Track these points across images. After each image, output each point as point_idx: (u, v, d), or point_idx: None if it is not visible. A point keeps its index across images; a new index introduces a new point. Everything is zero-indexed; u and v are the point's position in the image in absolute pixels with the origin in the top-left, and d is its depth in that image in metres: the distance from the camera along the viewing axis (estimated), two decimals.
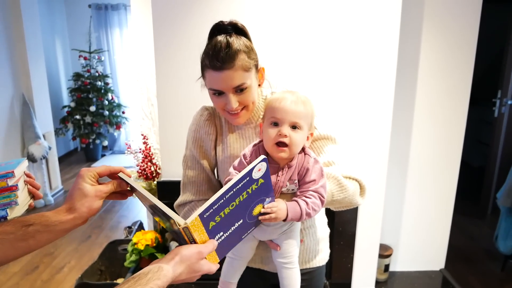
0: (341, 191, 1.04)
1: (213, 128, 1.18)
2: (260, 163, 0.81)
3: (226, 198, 0.77)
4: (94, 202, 0.79)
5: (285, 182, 0.97)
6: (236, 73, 0.99)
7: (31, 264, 2.92)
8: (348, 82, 2.04)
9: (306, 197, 0.95)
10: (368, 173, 2.15)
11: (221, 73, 0.98)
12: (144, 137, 2.41)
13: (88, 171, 0.82)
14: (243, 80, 1.00)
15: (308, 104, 0.97)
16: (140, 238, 2.27)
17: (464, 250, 3.13)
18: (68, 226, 0.78)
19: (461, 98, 2.46)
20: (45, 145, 3.93)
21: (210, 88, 1.04)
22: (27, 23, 3.80)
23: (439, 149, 2.53)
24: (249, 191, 0.81)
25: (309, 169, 0.96)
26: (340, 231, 2.21)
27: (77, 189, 0.80)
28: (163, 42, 1.97)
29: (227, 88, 1.01)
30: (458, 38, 2.37)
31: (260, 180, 0.82)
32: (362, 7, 1.95)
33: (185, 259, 0.74)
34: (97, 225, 3.64)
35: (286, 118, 0.94)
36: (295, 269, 1.10)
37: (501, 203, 2.72)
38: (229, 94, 1.01)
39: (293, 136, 0.94)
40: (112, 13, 5.81)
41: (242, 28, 1.05)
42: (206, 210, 0.75)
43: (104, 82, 5.63)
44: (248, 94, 1.04)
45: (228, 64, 0.97)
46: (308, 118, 0.97)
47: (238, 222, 0.84)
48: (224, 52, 0.97)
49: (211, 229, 0.78)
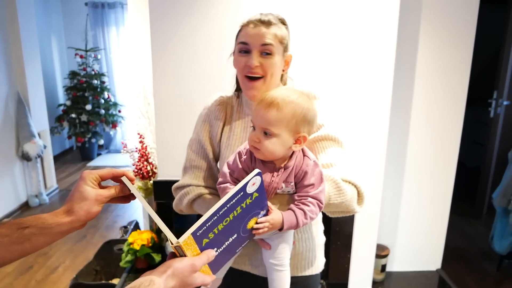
0: (339, 194, 1.00)
1: (222, 114, 1.18)
2: (254, 177, 0.78)
3: (219, 214, 0.75)
4: (93, 206, 0.78)
5: (279, 183, 0.94)
6: (268, 33, 1.03)
7: (25, 264, 2.90)
8: (345, 83, 2.04)
9: (304, 204, 0.92)
10: (365, 174, 2.15)
11: (255, 28, 1.03)
12: (140, 136, 2.40)
13: (90, 174, 0.80)
14: (272, 41, 1.03)
15: (287, 107, 0.89)
16: (136, 238, 2.26)
17: (460, 250, 3.14)
18: (65, 228, 0.76)
19: (458, 98, 2.47)
20: (40, 143, 3.91)
21: (239, 42, 1.06)
22: (22, 20, 3.77)
23: (436, 149, 2.54)
24: (243, 206, 0.79)
25: (307, 172, 0.93)
26: (337, 231, 2.21)
27: (77, 192, 0.78)
28: (160, 41, 1.96)
29: (255, 43, 1.03)
30: (455, 39, 2.38)
31: (254, 194, 0.79)
32: (359, 8, 1.95)
33: (178, 272, 0.72)
34: (92, 224, 3.62)
35: (257, 124, 0.91)
36: (285, 272, 1.07)
37: (497, 203, 2.73)
38: (254, 51, 1.04)
39: (264, 143, 0.89)
40: (109, 11, 5.78)
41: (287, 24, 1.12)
42: (199, 228, 0.73)
43: (100, 80, 5.59)
44: (270, 61, 1.04)
45: (265, 24, 1.03)
46: (285, 122, 0.89)
47: (232, 236, 0.82)
48: (267, 18, 1.05)
49: (204, 246, 0.76)
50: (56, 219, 0.75)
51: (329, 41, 1.98)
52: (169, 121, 2.06)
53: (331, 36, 1.98)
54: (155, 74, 2.00)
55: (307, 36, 1.97)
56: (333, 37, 1.98)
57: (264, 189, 0.84)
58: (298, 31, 1.96)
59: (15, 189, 3.84)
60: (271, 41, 1.03)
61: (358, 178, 1.05)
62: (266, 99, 0.90)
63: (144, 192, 2.35)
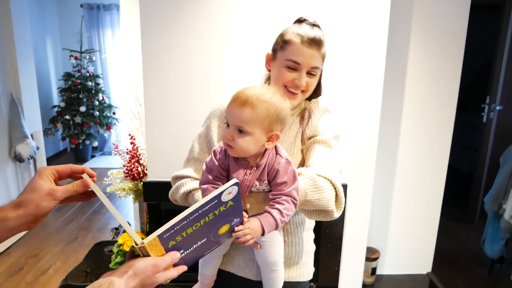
0: (316, 191, 0.99)
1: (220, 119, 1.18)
2: (231, 187, 0.76)
3: (190, 220, 0.73)
4: (44, 200, 0.71)
5: (252, 181, 0.94)
6: (318, 56, 1.08)
7: (15, 266, 2.88)
8: (336, 87, 2.04)
9: (279, 203, 0.92)
10: (356, 176, 2.15)
11: (308, 49, 1.06)
12: (131, 137, 2.39)
13: (46, 168, 0.75)
14: (319, 65, 1.09)
15: (261, 105, 0.90)
16: (126, 240, 2.25)
17: (451, 254, 3.14)
18: (12, 224, 0.69)
19: (448, 103, 2.48)
20: (33, 145, 3.89)
21: (289, 59, 1.07)
22: (16, 21, 3.76)
23: (426, 153, 2.54)
24: (215, 213, 0.77)
25: (279, 170, 0.93)
26: (327, 233, 2.20)
27: (28, 185, 0.73)
28: (150, 42, 1.96)
29: (306, 64, 1.07)
30: (446, 44, 2.39)
31: (229, 203, 0.78)
32: (349, 13, 1.96)
33: (139, 272, 0.69)
34: (84, 226, 3.60)
35: (230, 122, 0.92)
36: (279, 271, 1.07)
37: (488, 207, 2.74)
38: (303, 71, 1.07)
39: (237, 140, 0.90)
40: (104, 13, 5.78)
41: None
42: (166, 231, 0.71)
43: (95, 82, 5.58)
44: (313, 81, 1.11)
45: (318, 46, 1.07)
46: (259, 121, 0.90)
47: (201, 241, 0.81)
48: (317, 35, 1.08)
49: (170, 248, 0.75)
50: (1, 214, 0.69)
51: None
52: (159, 122, 2.06)
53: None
54: (146, 75, 2.00)
55: None
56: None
57: (241, 199, 0.83)
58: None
59: (7, 190, 3.81)
60: (319, 65, 1.09)
61: (336, 178, 1.04)
62: (241, 98, 0.90)
63: (135, 194, 2.35)
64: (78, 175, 0.78)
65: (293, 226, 1.17)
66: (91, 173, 0.79)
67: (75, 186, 0.76)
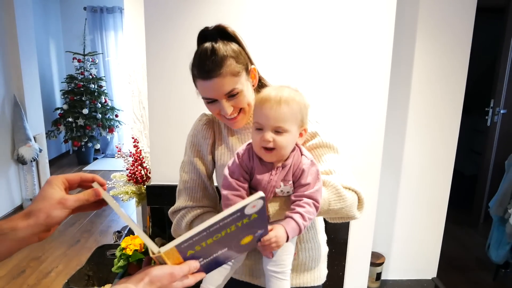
0: (339, 200, 0.99)
1: (210, 133, 1.16)
2: (256, 201, 0.73)
3: (210, 231, 0.71)
4: (55, 210, 0.69)
5: (278, 182, 0.93)
6: (225, 80, 0.97)
7: (17, 268, 2.87)
8: (341, 89, 2.03)
9: (300, 206, 0.91)
10: (361, 180, 2.12)
11: (210, 82, 0.97)
12: (134, 140, 2.38)
13: (57, 178, 0.73)
14: (233, 86, 0.99)
15: (293, 101, 0.91)
16: (129, 243, 2.23)
17: (456, 259, 3.12)
18: (23, 234, 0.67)
19: (454, 106, 2.46)
20: (36, 147, 3.89)
21: (202, 97, 1.04)
22: (20, 23, 3.77)
23: (432, 157, 2.53)
24: (238, 225, 0.75)
25: (304, 170, 0.93)
26: (331, 238, 2.18)
27: (39, 194, 0.71)
28: (155, 44, 1.95)
29: (218, 96, 1.00)
30: (451, 47, 2.38)
31: (253, 215, 0.75)
32: (355, 16, 1.95)
33: (156, 280, 0.68)
34: (86, 229, 3.59)
35: (267, 124, 0.90)
36: (285, 282, 1.04)
37: (493, 212, 2.72)
38: (222, 100, 1.00)
39: (278, 140, 0.89)
40: (108, 16, 5.79)
41: (230, 33, 1.03)
42: (184, 242, 0.69)
43: (97, 85, 5.59)
44: (241, 98, 1.02)
45: (216, 72, 0.96)
46: (294, 117, 0.91)
47: (221, 250, 0.79)
48: (210, 60, 0.96)
49: (189, 256, 0.73)
50: (12, 223, 0.67)
51: (324, 48, 1.98)
52: (163, 125, 2.04)
53: (327, 43, 1.97)
54: (150, 78, 1.99)
55: (302, 40, 1.97)
56: (329, 44, 1.97)
57: (266, 213, 0.80)
58: (292, 34, 1.96)
59: (10, 192, 3.82)
60: (232, 87, 0.99)
61: (357, 184, 1.05)
62: (274, 98, 0.90)
63: (138, 197, 2.33)
64: (88, 183, 0.77)
65: (305, 231, 1.15)
66: (101, 181, 0.77)
67: (86, 194, 0.74)
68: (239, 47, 1.03)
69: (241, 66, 1.00)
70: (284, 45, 1.97)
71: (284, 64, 1.99)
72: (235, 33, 1.04)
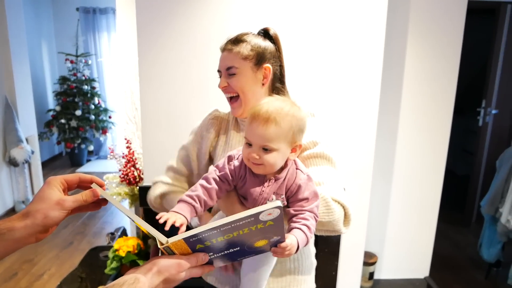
0: (328, 213, 0.99)
1: (215, 127, 1.22)
2: (272, 209, 0.72)
3: (220, 230, 0.71)
4: (52, 210, 0.69)
5: (270, 194, 0.92)
6: (231, 55, 1.07)
7: (9, 271, 2.84)
8: (333, 91, 2.04)
9: (305, 219, 0.90)
10: (353, 181, 2.14)
11: (222, 54, 1.10)
12: (127, 141, 2.37)
13: (55, 178, 0.73)
14: (233, 63, 1.07)
15: (283, 119, 0.87)
16: (122, 245, 2.23)
17: (448, 258, 3.14)
18: (20, 235, 0.67)
19: (445, 107, 2.48)
20: (28, 149, 3.86)
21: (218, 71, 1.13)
22: (11, 24, 3.74)
23: (423, 157, 2.55)
24: (252, 228, 0.74)
25: (301, 185, 0.92)
26: (324, 238, 2.19)
27: (37, 195, 0.71)
28: (147, 45, 1.95)
29: (221, 67, 1.10)
30: (442, 48, 2.40)
31: (268, 222, 0.75)
32: (346, 18, 1.95)
33: (163, 270, 0.69)
34: (79, 231, 3.57)
35: (255, 142, 0.88)
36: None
37: (485, 211, 2.74)
38: (223, 74, 1.10)
39: (265, 158, 0.87)
40: (100, 16, 5.77)
41: (270, 34, 1.13)
42: (193, 236, 0.70)
43: (90, 86, 5.56)
44: (236, 80, 1.08)
45: (229, 47, 1.08)
46: (283, 136, 0.88)
47: (234, 249, 0.79)
48: (231, 39, 1.09)
49: (198, 250, 0.74)
50: (8, 223, 0.67)
51: (316, 50, 1.99)
52: (155, 126, 2.04)
53: (318, 45, 1.98)
54: (142, 78, 1.98)
55: (294, 43, 1.97)
56: (320, 46, 1.98)
57: (282, 221, 0.78)
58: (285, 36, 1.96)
59: (1, 195, 3.78)
60: (232, 63, 1.07)
61: (347, 199, 1.04)
62: (262, 115, 0.87)
63: (131, 198, 2.32)
64: (87, 184, 0.77)
65: None
66: (100, 182, 0.78)
67: (84, 195, 0.74)
68: (269, 46, 1.10)
69: (253, 54, 1.07)
70: None
71: None
72: (276, 35, 1.14)
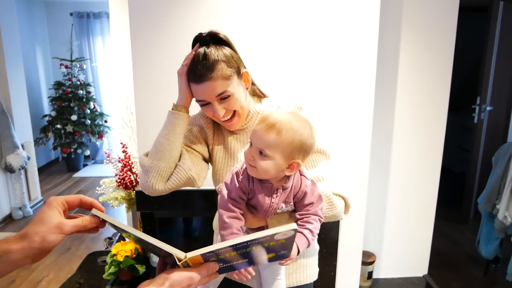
0: (331, 208, 1.05)
1: (211, 125, 1.20)
2: (288, 231, 0.74)
3: (236, 247, 0.73)
4: (51, 234, 0.68)
5: (279, 204, 0.95)
6: (216, 83, 1.01)
7: (7, 278, 2.83)
8: (327, 89, 2.04)
9: (308, 223, 0.96)
10: (350, 180, 2.14)
11: (201, 85, 1.02)
12: (123, 145, 2.37)
13: (56, 199, 0.73)
14: (224, 89, 1.03)
15: (287, 132, 0.87)
16: (120, 249, 2.22)
17: (447, 256, 3.15)
18: (15, 257, 0.65)
19: (440, 104, 2.49)
20: (24, 155, 3.84)
21: (196, 100, 1.09)
22: (5, 30, 3.73)
23: (420, 155, 2.55)
24: (265, 245, 0.76)
25: (307, 192, 0.96)
26: (322, 238, 2.19)
27: (36, 216, 0.70)
28: (141, 49, 1.95)
29: (210, 98, 1.04)
30: (435, 46, 2.41)
31: (281, 240, 0.77)
32: (339, 17, 1.96)
33: (175, 284, 0.69)
34: (77, 236, 3.56)
35: (254, 143, 0.90)
36: (282, 281, 1.08)
37: (482, 208, 2.75)
38: (214, 103, 1.05)
39: (258, 162, 0.89)
40: (94, 21, 5.76)
41: (222, 38, 1.07)
42: (210, 252, 0.72)
43: (86, 90, 5.55)
44: (233, 101, 1.06)
45: (207, 76, 1.01)
46: (281, 147, 0.88)
47: (242, 260, 0.81)
48: (201, 65, 1.01)
49: (210, 261, 0.76)
50: (5, 246, 0.65)
51: (309, 49, 1.99)
52: (151, 130, 2.03)
53: (311, 44, 1.98)
54: (136, 82, 1.98)
55: (287, 44, 1.97)
56: (314, 46, 1.98)
57: (293, 240, 0.82)
58: (278, 37, 1.96)
59: None
60: (223, 89, 1.03)
61: (345, 190, 1.11)
62: (268, 121, 0.88)
63: (127, 203, 2.32)
64: (87, 206, 0.77)
65: None
66: (100, 207, 0.77)
67: (83, 221, 0.74)
68: (231, 52, 1.06)
69: (232, 70, 1.04)
70: (268, 48, 1.97)
71: (267, 67, 1.99)
72: (228, 38, 1.08)
